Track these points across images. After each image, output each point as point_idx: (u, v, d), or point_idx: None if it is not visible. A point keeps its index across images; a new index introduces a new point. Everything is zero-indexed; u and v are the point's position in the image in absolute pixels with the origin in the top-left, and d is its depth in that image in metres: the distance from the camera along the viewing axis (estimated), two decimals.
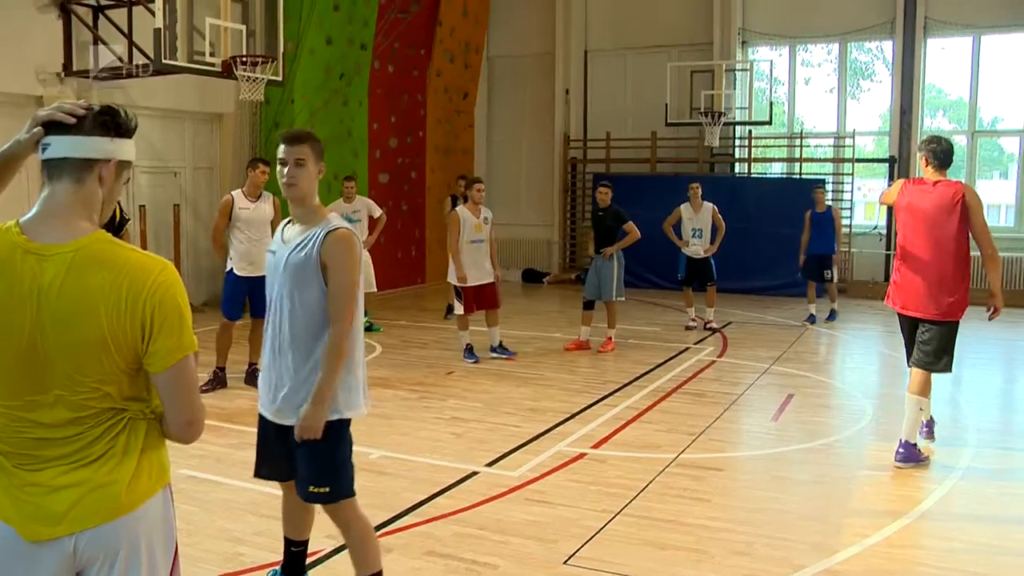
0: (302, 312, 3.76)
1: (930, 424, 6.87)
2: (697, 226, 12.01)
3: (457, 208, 9.89)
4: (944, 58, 16.50)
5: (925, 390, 6.30)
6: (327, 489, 3.79)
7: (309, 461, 3.78)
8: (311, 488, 3.80)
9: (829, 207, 12.68)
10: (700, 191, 12.07)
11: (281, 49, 10.74)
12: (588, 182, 18.01)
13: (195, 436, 2.33)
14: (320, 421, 3.71)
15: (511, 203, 18.86)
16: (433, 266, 17.17)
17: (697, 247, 12.02)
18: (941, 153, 6.21)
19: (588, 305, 10.79)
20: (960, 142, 16.58)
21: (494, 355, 9.95)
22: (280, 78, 10.81)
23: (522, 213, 19.07)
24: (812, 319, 12.77)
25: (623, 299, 10.79)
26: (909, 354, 6.44)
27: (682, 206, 12.10)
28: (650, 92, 17.51)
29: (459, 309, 9.83)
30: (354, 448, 3.89)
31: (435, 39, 16.99)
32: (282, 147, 3.95)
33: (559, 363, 9.91)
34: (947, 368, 6.23)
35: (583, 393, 8.41)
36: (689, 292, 12.37)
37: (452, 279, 9.80)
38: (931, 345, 6.17)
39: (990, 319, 6.25)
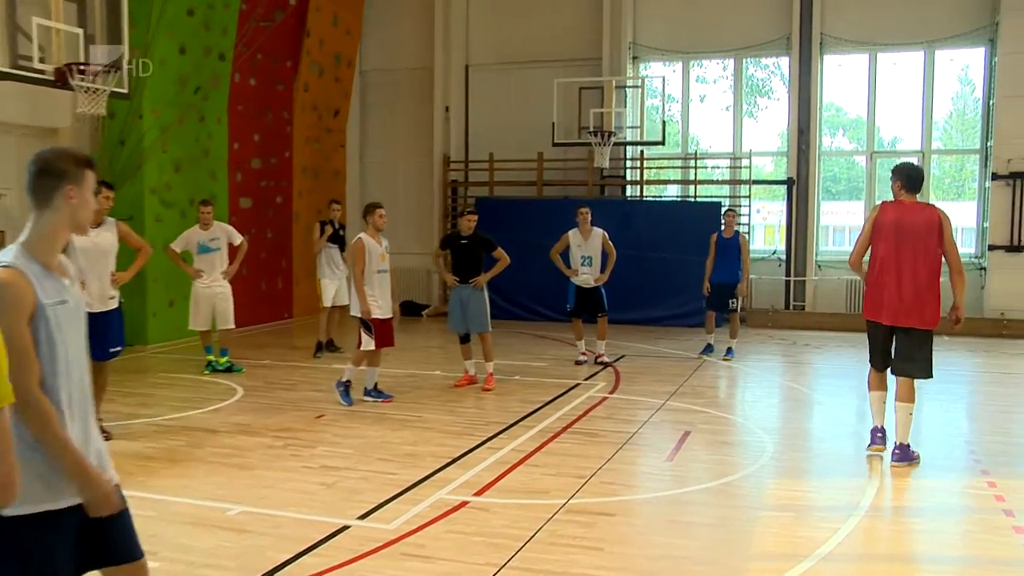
0: None
1: (884, 431, 7.71)
2: (586, 253, 12.18)
3: (361, 236, 9.80)
4: (842, 76, 17.34)
5: (913, 395, 7.45)
6: None
7: None
8: None
9: (737, 232, 12.99)
10: (589, 216, 12.25)
11: (126, 57, 10.46)
12: (470, 206, 18.03)
13: (5, 503, 2.20)
14: None
15: (387, 230, 18.65)
16: (301, 299, 16.93)
17: (587, 276, 12.18)
18: (917, 178, 7.52)
19: (465, 338, 10.85)
20: (860, 162, 17.44)
21: (368, 399, 9.84)
22: (125, 90, 10.52)
23: (399, 240, 18.79)
24: (710, 349, 13.08)
25: (491, 329, 10.91)
26: (882, 363, 7.57)
27: (570, 232, 12.26)
28: (536, 110, 17.76)
29: (369, 344, 9.70)
30: (212, 504, 3.75)
31: (302, 50, 16.87)
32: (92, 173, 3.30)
33: (439, 403, 9.87)
34: (930, 374, 7.43)
35: (465, 436, 8.39)
36: (579, 324, 12.49)
37: (357, 312, 9.72)
38: (921, 352, 7.35)
39: (954, 327, 7.42)
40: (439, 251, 11.50)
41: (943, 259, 7.35)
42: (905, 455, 7.41)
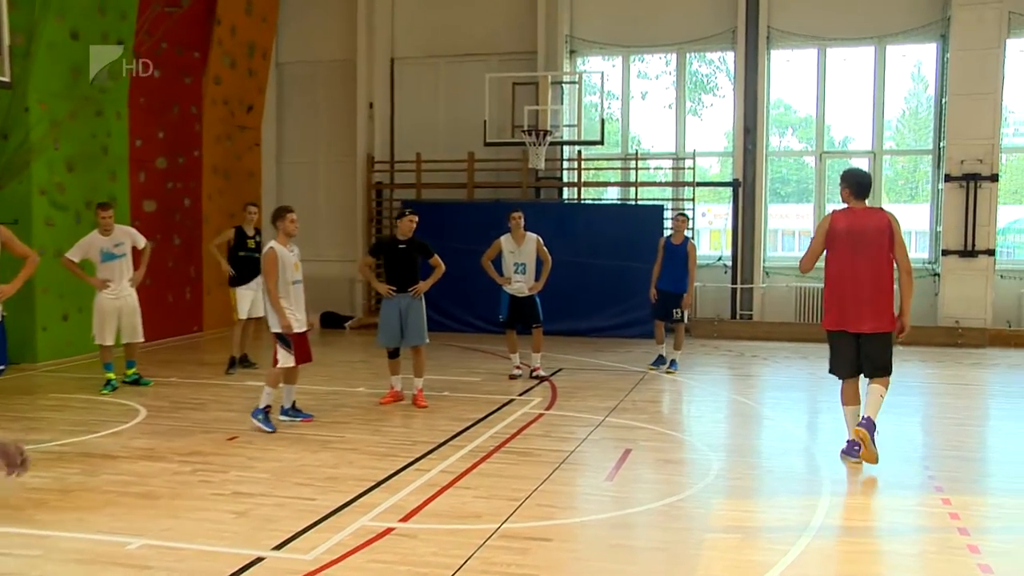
0: None
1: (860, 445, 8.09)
2: (520, 260, 12.19)
3: (272, 245, 9.59)
4: (790, 72, 17.64)
5: (888, 384, 8.12)
6: None
7: None
8: None
9: (686, 239, 13.09)
10: (523, 220, 12.25)
11: (6, 42, 10.14)
12: (396, 210, 17.97)
13: None
14: None
15: (306, 235, 18.30)
16: (213, 311, 16.70)
17: (520, 284, 12.19)
18: (866, 184, 8.10)
19: (395, 353, 10.77)
20: (809, 163, 17.75)
21: (286, 419, 9.71)
22: (7, 78, 10.24)
23: (319, 247, 18.83)
24: (661, 361, 13.19)
25: (428, 341, 10.87)
26: (853, 371, 8.12)
27: (502, 238, 12.26)
28: (466, 107, 17.79)
29: (287, 361, 9.52)
30: (109, 539, 3.66)
31: (212, 39, 16.66)
32: None
33: (363, 423, 9.79)
34: (891, 369, 8.14)
35: (390, 457, 8.32)
36: (513, 335, 12.50)
37: (275, 327, 9.52)
38: (884, 353, 8.02)
39: (899, 336, 8.05)
40: (369, 258, 11.35)
41: (894, 262, 7.98)
42: (868, 426, 7.94)
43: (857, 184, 8.06)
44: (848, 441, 8.21)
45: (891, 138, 17.98)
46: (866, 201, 8.13)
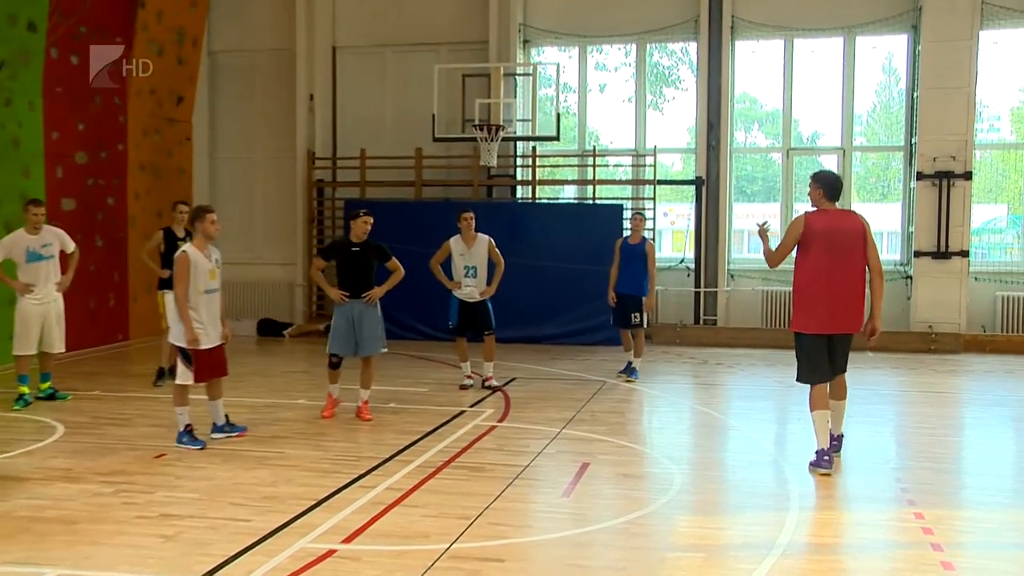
0: None
1: (830, 454, 8.52)
2: (471, 263, 12.17)
3: (186, 248, 9.44)
4: (756, 64, 17.79)
5: (846, 390, 8.80)
6: None
7: None
8: None
9: (644, 239, 13.18)
10: (474, 221, 12.24)
11: None
12: (339, 210, 17.96)
13: None
14: None
15: (242, 237, 18.49)
16: (140, 318, 16.50)
17: (471, 288, 12.18)
18: (839, 187, 8.59)
19: (338, 363, 10.71)
20: (776, 160, 17.92)
21: (219, 436, 9.61)
22: None
23: (256, 250, 18.73)
24: (631, 370, 13.26)
25: (386, 350, 10.83)
26: (828, 374, 8.49)
27: (452, 239, 12.25)
28: (414, 100, 17.77)
29: (186, 378, 9.37)
30: (20, 570, 3.59)
31: (136, 24, 16.45)
32: None
33: (303, 437, 9.72)
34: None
35: (333, 474, 8.27)
36: (463, 343, 12.49)
37: (178, 340, 9.34)
38: (847, 353, 8.59)
39: (869, 340, 8.57)
40: (319, 260, 11.24)
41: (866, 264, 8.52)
42: (839, 445, 8.79)
43: (830, 186, 8.51)
44: (817, 452, 8.36)
45: (861, 134, 18.21)
46: (836, 204, 8.57)
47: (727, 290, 17.42)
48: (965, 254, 16.18)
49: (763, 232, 8.82)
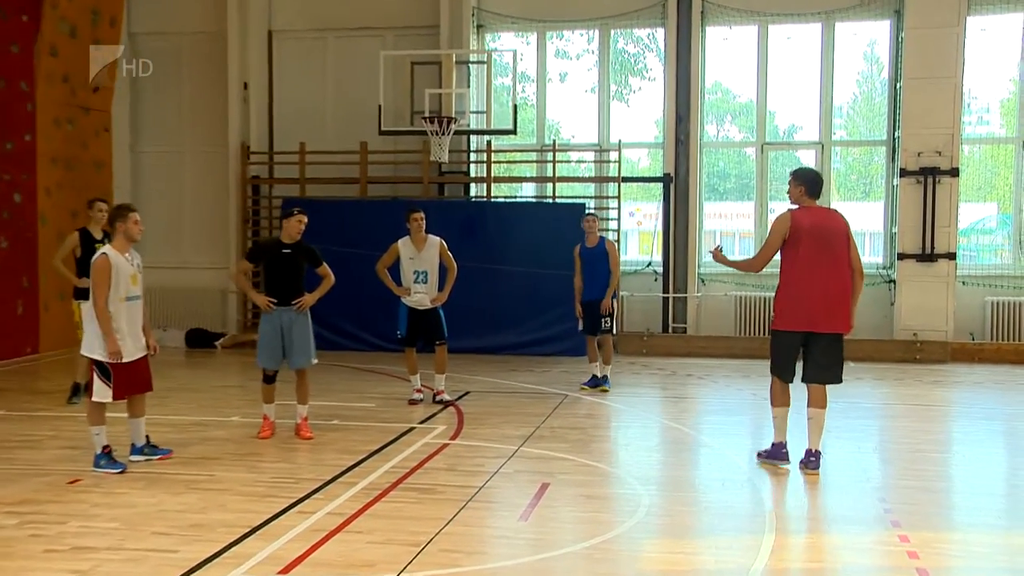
0: None
1: (787, 447, 9.18)
2: (420, 268, 12.15)
3: (105, 250, 9.30)
4: (728, 51, 17.89)
5: (826, 400, 9.07)
6: None
7: None
8: None
9: (602, 239, 13.31)
10: (424, 221, 12.22)
11: None
12: (276, 209, 17.83)
13: None
14: None
15: (169, 239, 18.35)
16: (51, 329, 16.27)
17: (421, 295, 12.15)
18: (820, 184, 9.24)
19: (272, 377, 10.63)
20: (750, 155, 18.01)
21: (139, 458, 9.49)
22: None
23: (184, 253, 18.58)
24: (595, 382, 13.34)
25: (316, 362, 10.79)
26: (792, 374, 9.06)
27: (400, 242, 12.22)
28: (358, 90, 17.73)
29: (103, 395, 9.24)
30: None
31: (45, 1, 16.25)
32: None
33: (236, 458, 9.65)
34: (841, 379, 9.15)
35: (268, 498, 8.21)
36: (412, 354, 12.47)
37: (95, 353, 9.19)
38: (833, 359, 9.01)
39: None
40: (244, 264, 11.15)
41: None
42: (818, 462, 9.00)
43: (812, 183, 9.10)
44: (774, 444, 9.23)
45: (842, 127, 18.35)
46: (816, 201, 9.14)
47: (697, 296, 17.49)
48: (952, 256, 16.35)
49: (718, 255, 9.32)
